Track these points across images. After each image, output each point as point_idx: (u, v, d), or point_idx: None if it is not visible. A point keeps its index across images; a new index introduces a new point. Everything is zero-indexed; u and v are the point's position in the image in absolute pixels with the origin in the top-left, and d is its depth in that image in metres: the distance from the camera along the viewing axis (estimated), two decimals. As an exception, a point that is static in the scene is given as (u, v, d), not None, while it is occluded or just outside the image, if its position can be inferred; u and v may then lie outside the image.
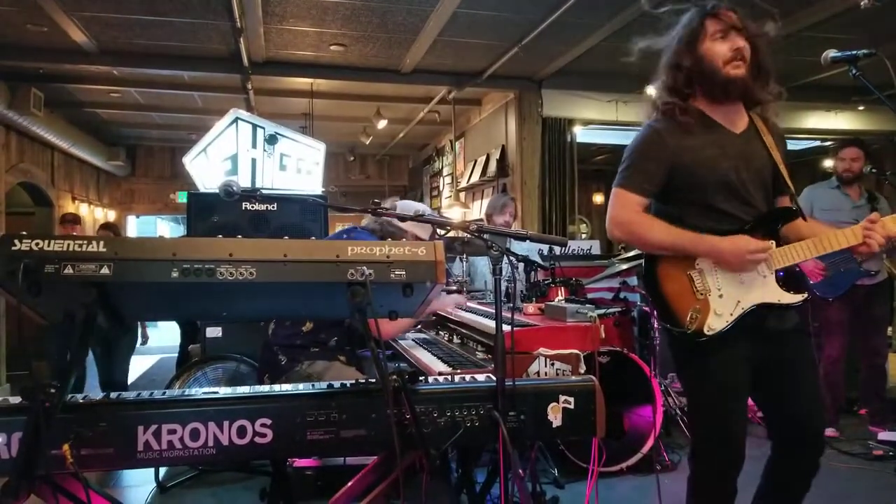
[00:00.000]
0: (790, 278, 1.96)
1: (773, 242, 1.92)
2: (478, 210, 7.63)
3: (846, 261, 4.07)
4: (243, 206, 4.10)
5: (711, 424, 1.96)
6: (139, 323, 4.02)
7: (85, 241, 1.41)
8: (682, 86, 1.96)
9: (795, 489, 2.04)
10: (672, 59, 1.99)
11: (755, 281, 1.91)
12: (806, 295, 1.94)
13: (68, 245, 1.40)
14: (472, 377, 1.95)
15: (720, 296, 1.91)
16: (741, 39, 1.90)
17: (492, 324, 2.45)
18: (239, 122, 4.83)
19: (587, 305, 3.33)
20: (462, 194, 8.07)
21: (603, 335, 3.18)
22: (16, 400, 1.61)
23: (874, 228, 1.87)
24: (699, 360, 1.94)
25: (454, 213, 7.71)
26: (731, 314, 1.90)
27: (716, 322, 1.89)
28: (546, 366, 2.74)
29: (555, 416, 1.80)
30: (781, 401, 1.99)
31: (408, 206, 2.93)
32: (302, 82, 6.73)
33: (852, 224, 1.95)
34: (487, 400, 1.73)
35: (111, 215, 10.10)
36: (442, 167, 9.33)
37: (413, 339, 3.50)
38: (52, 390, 1.46)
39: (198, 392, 1.74)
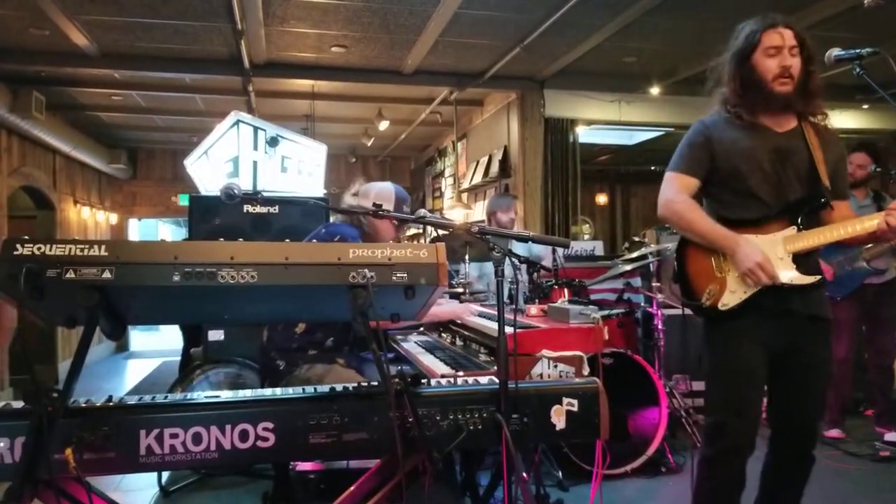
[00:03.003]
0: (808, 263, 2.05)
1: (795, 228, 2.03)
2: (480, 211, 7.62)
3: (852, 259, 4.06)
4: (245, 208, 4.10)
5: (725, 399, 2.06)
6: None
7: (87, 245, 1.41)
8: (738, 97, 2.09)
9: (794, 483, 2.13)
10: (728, 67, 2.12)
11: (772, 262, 2.00)
12: (819, 277, 2.04)
13: (70, 249, 1.41)
14: (475, 379, 1.94)
15: (737, 275, 2.03)
16: (792, 58, 2.01)
17: (494, 326, 2.44)
18: (240, 124, 4.81)
19: (590, 307, 3.31)
20: (464, 195, 8.06)
21: (606, 336, 3.16)
22: (19, 404, 1.61)
23: (894, 214, 1.93)
24: (718, 335, 2.09)
25: (456, 215, 7.70)
26: (745, 292, 2.01)
27: (729, 298, 2.03)
28: (549, 368, 2.72)
29: (558, 418, 1.79)
30: (788, 394, 2.09)
31: (370, 190, 2.89)
32: (303, 84, 6.73)
33: None
34: (490, 402, 1.73)
35: (113, 218, 10.12)
36: (444, 168, 9.33)
37: (415, 342, 3.49)
38: (55, 395, 1.46)
39: (200, 396, 1.74)
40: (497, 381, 1.75)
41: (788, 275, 2.00)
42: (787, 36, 2.02)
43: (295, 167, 5.07)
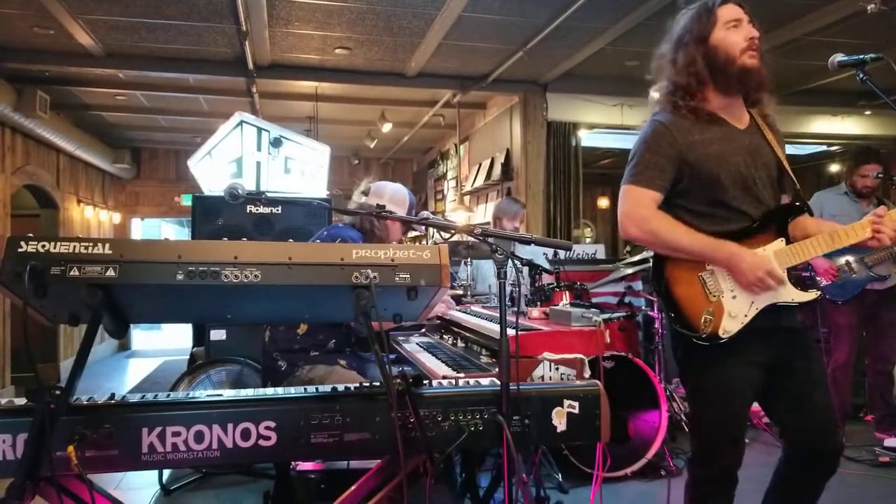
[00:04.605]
0: (798, 277, 1.94)
1: (783, 240, 1.91)
2: (482, 214, 7.63)
3: (857, 264, 4.06)
4: (248, 209, 4.11)
5: (721, 430, 1.92)
6: None
7: (91, 244, 1.42)
8: (694, 83, 1.92)
9: (809, 495, 2.01)
10: (682, 55, 1.95)
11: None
12: (819, 293, 1.93)
13: (74, 247, 1.41)
14: (477, 381, 1.95)
15: (733, 297, 1.88)
16: (755, 30, 1.89)
17: (496, 327, 2.44)
18: (244, 125, 4.83)
19: (592, 310, 3.32)
20: (467, 198, 8.07)
21: (608, 339, 3.17)
22: (21, 401, 1.62)
23: (882, 222, 1.85)
24: (713, 366, 1.91)
25: (459, 217, 7.71)
26: (746, 315, 1.87)
27: (731, 324, 1.87)
28: (550, 370, 2.73)
29: (559, 420, 1.79)
30: (798, 409, 1.94)
31: (383, 191, 2.93)
32: (307, 86, 6.74)
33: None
34: (491, 404, 1.73)
35: (116, 218, 10.13)
36: (446, 171, 9.33)
37: (417, 343, 3.50)
38: (57, 392, 1.47)
39: (202, 394, 1.75)
40: (498, 382, 1.75)
41: (790, 294, 1.89)
42: (741, 11, 1.91)
43: (298, 168, 5.08)
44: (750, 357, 1.90)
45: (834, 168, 8.93)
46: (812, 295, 1.91)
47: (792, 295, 1.89)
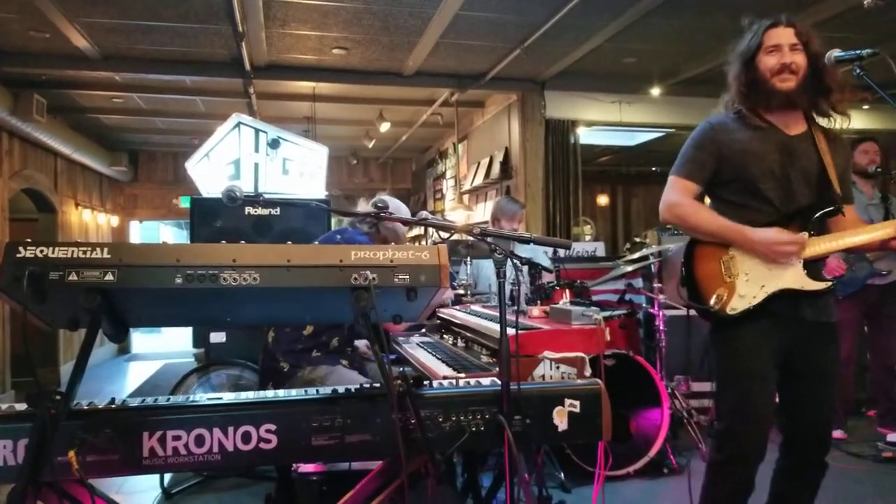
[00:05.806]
0: (815, 269, 2.04)
1: (807, 234, 2.01)
2: (482, 213, 7.62)
3: (858, 259, 4.06)
4: (246, 210, 4.11)
5: (735, 405, 2.05)
6: None
7: (89, 248, 1.42)
8: (743, 96, 2.11)
9: (806, 490, 2.12)
10: (733, 70, 2.15)
11: (782, 267, 2.01)
12: (830, 283, 2.03)
13: (73, 252, 1.41)
14: (477, 381, 1.94)
15: (746, 280, 2.03)
16: (792, 54, 2.02)
17: (496, 327, 2.44)
18: (241, 126, 4.82)
19: (592, 308, 3.31)
20: (466, 197, 8.06)
21: (608, 338, 3.16)
22: (21, 407, 1.61)
23: None
24: (726, 340, 2.08)
25: (458, 216, 7.70)
26: (755, 297, 2.01)
27: (738, 303, 2.02)
28: (551, 369, 2.72)
29: (560, 419, 1.79)
30: (798, 399, 2.08)
31: (398, 208, 3.05)
32: (304, 86, 6.74)
33: (866, 221, 1.99)
34: (492, 404, 1.73)
35: (114, 221, 10.13)
36: (445, 170, 9.33)
37: (417, 343, 3.49)
38: (58, 397, 1.46)
39: (202, 398, 1.74)
40: (499, 382, 1.75)
41: (800, 281, 2.00)
42: (787, 34, 2.04)
43: (296, 169, 5.08)
44: (766, 341, 2.01)
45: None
46: (822, 284, 2.01)
47: (802, 282, 2.00)
